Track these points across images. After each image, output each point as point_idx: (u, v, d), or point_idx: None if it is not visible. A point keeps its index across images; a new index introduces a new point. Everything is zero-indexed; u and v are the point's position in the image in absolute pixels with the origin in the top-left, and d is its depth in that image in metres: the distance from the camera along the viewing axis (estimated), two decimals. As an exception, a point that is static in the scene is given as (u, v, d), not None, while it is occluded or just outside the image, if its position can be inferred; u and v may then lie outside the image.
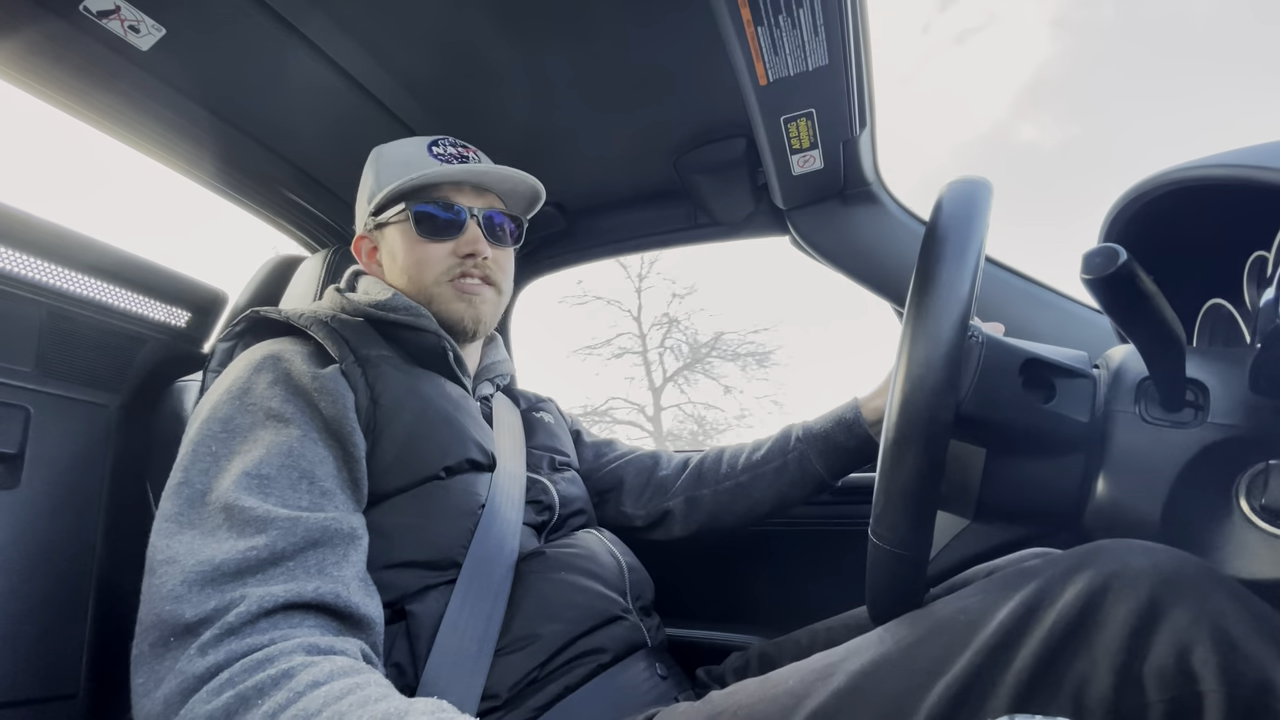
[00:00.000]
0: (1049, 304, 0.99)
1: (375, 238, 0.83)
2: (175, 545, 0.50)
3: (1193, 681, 0.36)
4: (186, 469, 0.55)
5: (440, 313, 0.77)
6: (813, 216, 1.11)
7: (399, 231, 0.79)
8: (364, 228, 0.83)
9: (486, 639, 0.60)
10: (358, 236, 0.84)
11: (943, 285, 0.45)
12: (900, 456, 0.44)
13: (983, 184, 0.50)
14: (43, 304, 0.82)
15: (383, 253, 0.82)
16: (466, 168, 0.78)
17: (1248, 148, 0.43)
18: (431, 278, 0.77)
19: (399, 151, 0.81)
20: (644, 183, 1.21)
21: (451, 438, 0.70)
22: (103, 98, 0.91)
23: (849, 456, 0.84)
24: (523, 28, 0.87)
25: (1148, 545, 0.42)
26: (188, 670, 0.44)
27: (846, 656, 0.48)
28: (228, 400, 0.60)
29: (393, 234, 0.80)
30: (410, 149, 0.80)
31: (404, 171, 0.77)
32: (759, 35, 0.75)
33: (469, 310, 0.78)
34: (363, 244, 0.84)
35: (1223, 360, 0.48)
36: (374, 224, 0.81)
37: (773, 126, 0.91)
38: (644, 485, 0.94)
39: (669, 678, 0.69)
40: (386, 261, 0.82)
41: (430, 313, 0.77)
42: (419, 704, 0.42)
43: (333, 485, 0.58)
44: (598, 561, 0.72)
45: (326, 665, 0.45)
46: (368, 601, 0.54)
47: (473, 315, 0.78)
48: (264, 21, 0.84)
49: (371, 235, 0.83)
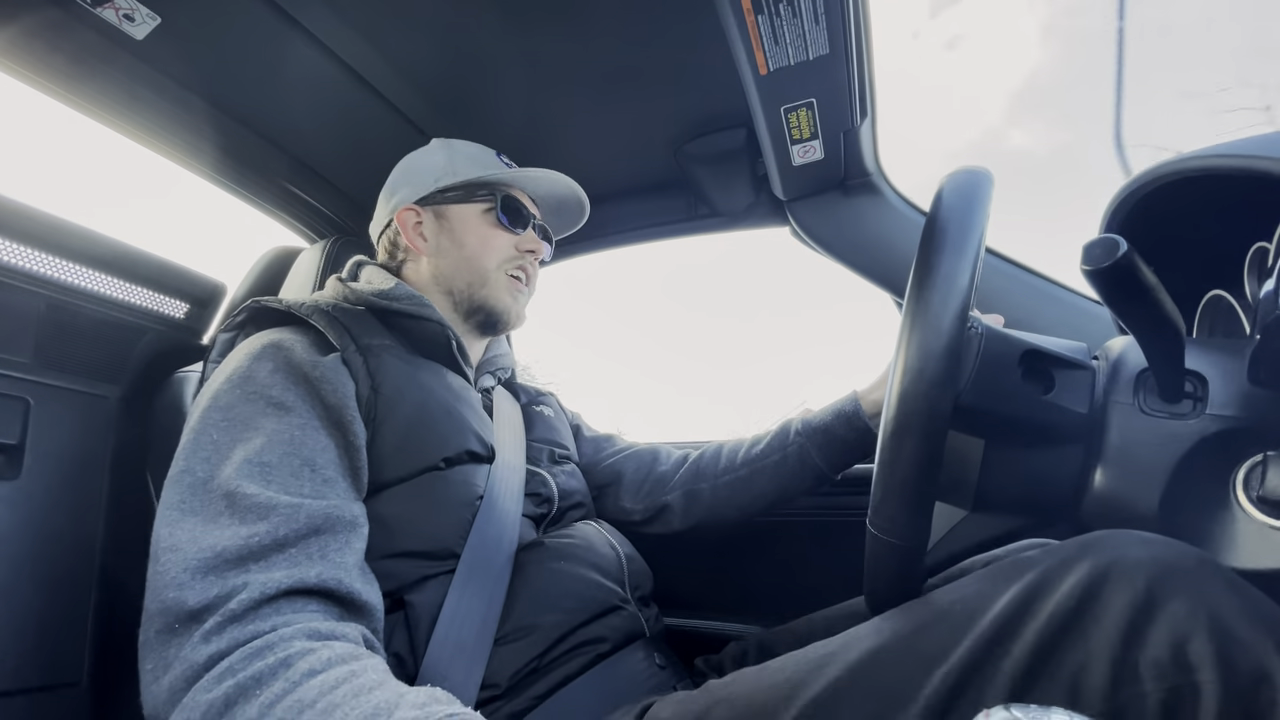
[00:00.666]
0: (1049, 295, 0.99)
1: (431, 213, 0.85)
2: (178, 533, 0.50)
3: (1190, 672, 0.36)
4: (188, 457, 0.55)
5: (488, 299, 0.83)
6: (813, 207, 1.11)
7: (470, 213, 0.84)
8: (414, 200, 0.85)
9: (485, 629, 0.60)
10: (406, 207, 0.85)
11: (942, 276, 0.45)
12: (899, 447, 0.44)
13: (984, 175, 0.50)
14: (42, 295, 0.82)
15: (435, 228, 0.84)
16: (548, 174, 0.87)
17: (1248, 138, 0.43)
18: (494, 263, 0.83)
19: (470, 147, 0.88)
20: (644, 174, 1.20)
21: (451, 428, 0.70)
22: (98, 87, 0.90)
23: (848, 449, 0.84)
24: (522, 18, 0.86)
25: (1145, 536, 0.42)
26: (191, 658, 0.44)
27: (844, 646, 0.48)
28: (229, 389, 0.60)
29: (461, 213, 0.84)
30: (479, 149, 0.88)
31: (481, 166, 0.85)
32: (759, 24, 0.74)
33: (514, 305, 0.85)
34: (409, 215, 0.84)
35: (1222, 352, 0.48)
36: (439, 200, 0.84)
37: (773, 116, 0.91)
38: (643, 480, 0.94)
39: (667, 667, 0.70)
40: (441, 238, 0.84)
41: (477, 298, 0.82)
42: (413, 693, 0.42)
43: (334, 473, 0.59)
44: (596, 552, 0.72)
45: (325, 652, 0.45)
46: (368, 589, 0.54)
47: (516, 311, 0.85)
48: (260, 11, 0.83)
49: (425, 210, 0.85)
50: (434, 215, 0.85)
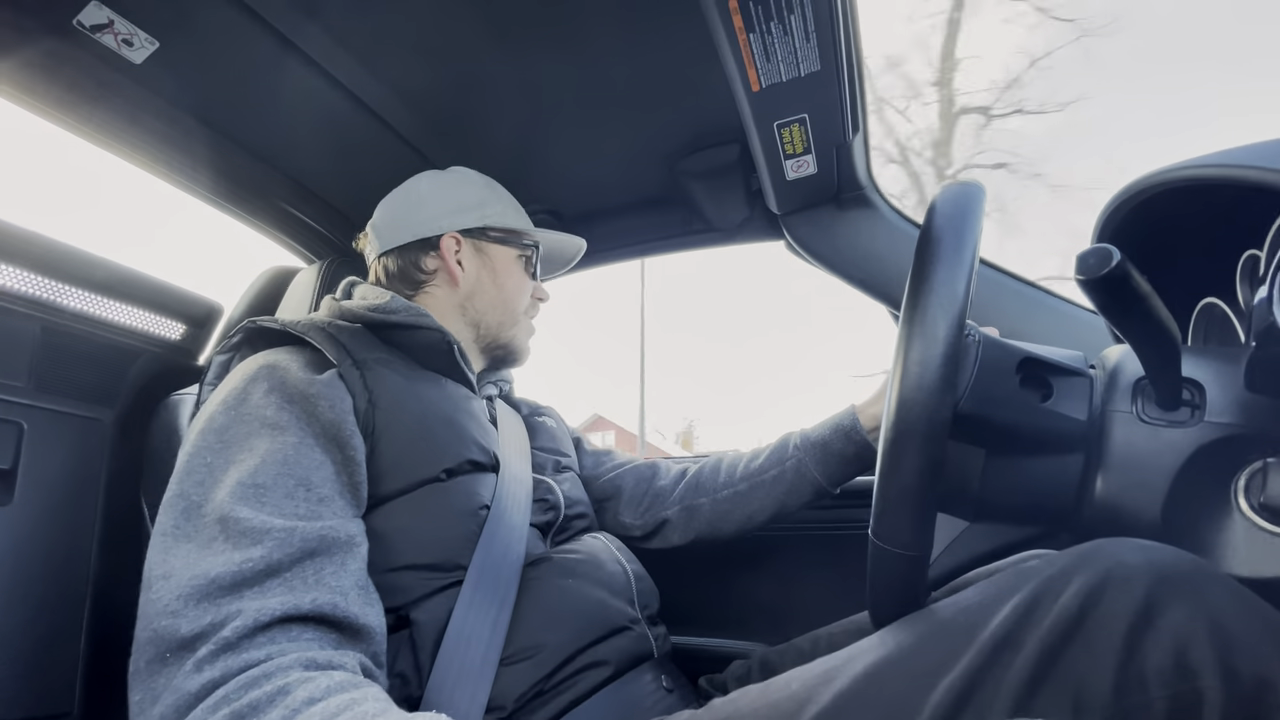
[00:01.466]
0: (1044, 305, 0.99)
1: (472, 246, 0.87)
2: (171, 559, 0.50)
3: (1192, 678, 0.36)
4: (182, 481, 0.55)
5: (514, 339, 0.90)
6: (807, 221, 1.12)
7: (508, 255, 0.89)
8: (453, 228, 0.86)
9: (491, 648, 0.59)
10: (450, 233, 0.86)
11: (938, 285, 0.45)
12: (899, 457, 0.44)
13: (976, 187, 0.50)
14: (37, 319, 0.82)
15: (475, 262, 0.87)
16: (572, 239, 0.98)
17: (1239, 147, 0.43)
18: (521, 308, 0.90)
19: (507, 195, 0.94)
20: (638, 189, 1.21)
21: (451, 439, 0.70)
22: (97, 112, 0.91)
23: (847, 464, 0.84)
24: (516, 36, 0.88)
25: (1145, 544, 0.42)
26: (184, 687, 0.43)
27: (848, 660, 0.48)
28: (223, 411, 0.60)
29: (499, 254, 0.89)
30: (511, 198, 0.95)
31: (520, 217, 0.92)
32: (751, 42, 0.76)
33: (529, 346, 0.92)
34: (449, 243, 0.86)
35: (1218, 359, 0.49)
36: (481, 235, 0.88)
37: (766, 132, 0.92)
38: (642, 495, 0.94)
39: (674, 690, 0.68)
40: (481, 272, 0.87)
41: (504, 337, 0.88)
42: (418, 719, 0.41)
43: (330, 491, 0.58)
44: (605, 569, 0.72)
45: (323, 680, 0.44)
46: (367, 611, 0.53)
47: (530, 350, 0.93)
48: (258, 35, 0.84)
49: (466, 242, 0.87)
50: (474, 249, 0.87)
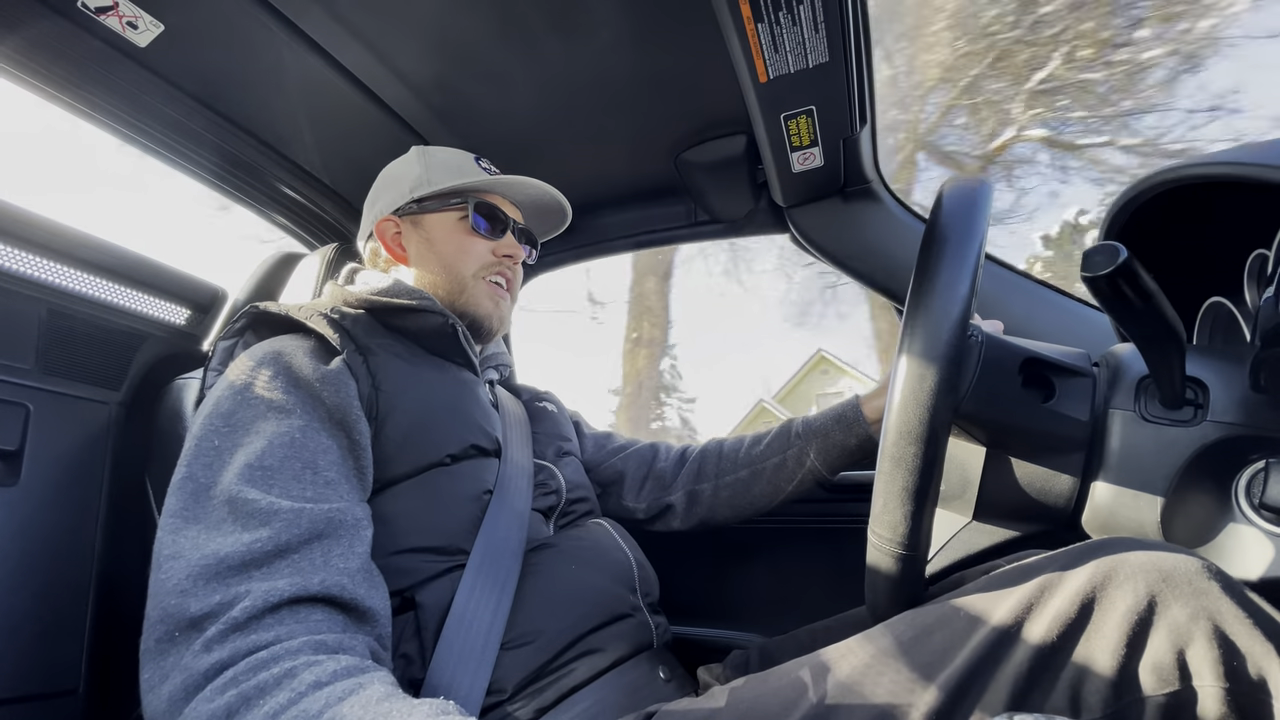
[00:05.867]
0: (1049, 302, 0.99)
1: (409, 223, 0.85)
2: (180, 540, 0.50)
3: (1190, 677, 0.36)
4: (190, 464, 0.55)
5: (468, 305, 0.82)
6: (813, 214, 1.11)
7: (446, 221, 0.83)
8: (390, 211, 0.85)
9: (493, 632, 0.60)
10: (384, 218, 0.85)
11: (943, 284, 0.45)
12: (900, 455, 0.44)
13: (984, 183, 0.50)
14: (42, 301, 0.82)
15: (413, 238, 0.84)
16: (524, 180, 0.86)
17: (1248, 145, 0.43)
18: (471, 270, 0.82)
19: (448, 155, 0.87)
20: (644, 180, 1.21)
21: (456, 424, 0.70)
22: (101, 94, 0.91)
23: (848, 455, 0.84)
24: (523, 25, 0.87)
25: (1145, 542, 0.42)
26: (193, 666, 0.44)
27: (846, 653, 0.48)
28: (230, 395, 0.60)
29: (437, 222, 0.83)
30: (457, 156, 0.87)
31: (458, 174, 0.84)
32: (759, 32, 0.75)
33: (495, 310, 0.84)
34: (387, 226, 0.84)
35: (1223, 359, 0.48)
36: (415, 209, 0.84)
37: (773, 124, 0.91)
38: (644, 478, 0.95)
39: (673, 680, 0.69)
40: (418, 248, 0.83)
41: (458, 305, 0.81)
42: (423, 706, 0.42)
43: (336, 475, 0.58)
44: (608, 556, 0.72)
45: (330, 665, 0.45)
46: (373, 593, 0.54)
47: (498, 315, 0.84)
48: (262, 18, 0.84)
49: (403, 220, 0.85)
50: (411, 225, 0.84)
